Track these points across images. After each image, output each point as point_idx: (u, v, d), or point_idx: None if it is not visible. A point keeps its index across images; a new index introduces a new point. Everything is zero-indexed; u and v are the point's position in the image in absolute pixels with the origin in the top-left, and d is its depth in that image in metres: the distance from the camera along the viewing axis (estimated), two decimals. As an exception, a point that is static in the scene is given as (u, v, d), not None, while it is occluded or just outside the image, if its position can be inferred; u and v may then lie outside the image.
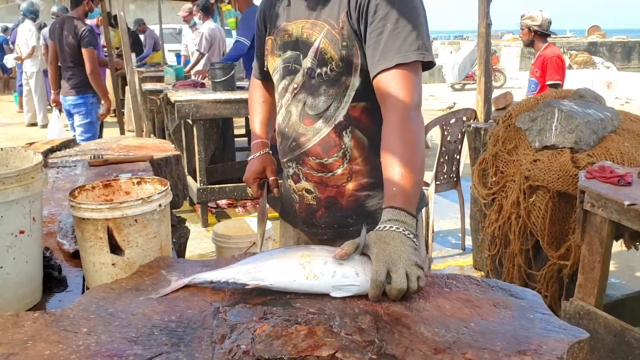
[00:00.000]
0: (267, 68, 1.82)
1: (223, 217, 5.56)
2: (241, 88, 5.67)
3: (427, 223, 4.12)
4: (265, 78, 1.94)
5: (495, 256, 3.48)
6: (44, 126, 10.40)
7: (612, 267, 2.74)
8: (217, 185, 5.32)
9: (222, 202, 5.83)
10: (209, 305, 1.18)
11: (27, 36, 10.22)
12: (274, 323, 1.09)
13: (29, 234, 1.25)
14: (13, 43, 11.48)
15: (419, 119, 1.52)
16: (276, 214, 2.03)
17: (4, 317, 1.12)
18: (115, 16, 7.12)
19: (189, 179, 5.44)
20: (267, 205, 1.96)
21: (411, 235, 1.31)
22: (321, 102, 1.64)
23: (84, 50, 5.52)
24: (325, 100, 1.64)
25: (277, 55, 1.74)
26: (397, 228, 1.31)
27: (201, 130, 5.18)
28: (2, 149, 1.40)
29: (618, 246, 3.03)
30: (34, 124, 10.65)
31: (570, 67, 19.48)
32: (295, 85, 1.68)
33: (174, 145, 3.31)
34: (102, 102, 5.91)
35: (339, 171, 1.68)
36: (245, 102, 5.11)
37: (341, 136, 1.65)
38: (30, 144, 3.14)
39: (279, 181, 1.90)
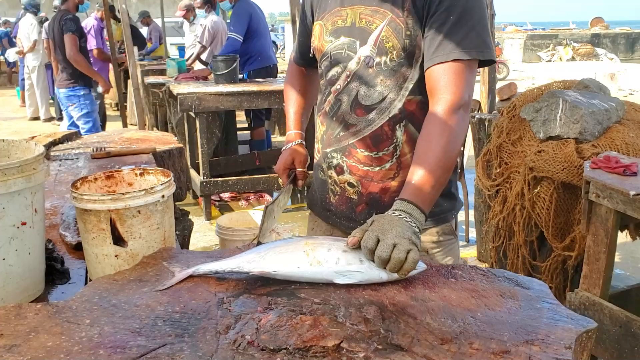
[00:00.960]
0: (313, 54, 1.75)
1: (226, 210, 5.56)
2: (242, 81, 5.66)
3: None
4: (307, 64, 1.87)
5: (500, 248, 3.46)
6: (47, 120, 10.39)
7: (616, 259, 2.72)
8: (220, 178, 5.31)
9: (225, 195, 5.82)
10: (213, 295, 1.17)
11: (28, 30, 10.20)
12: (279, 313, 1.08)
13: (31, 226, 1.25)
14: (15, 37, 11.45)
15: (464, 120, 1.48)
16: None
17: (6, 308, 1.11)
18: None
19: (192, 172, 5.44)
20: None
21: (413, 225, 1.30)
22: (376, 92, 1.58)
23: (64, 37, 5.53)
24: (381, 91, 1.58)
25: (327, 41, 1.66)
26: (399, 215, 1.31)
27: (204, 123, 5.17)
28: (3, 140, 1.39)
29: (622, 237, 3.01)
30: (37, 118, 10.64)
31: (573, 58, 19.41)
32: (348, 73, 1.62)
33: (176, 137, 3.30)
34: (100, 85, 5.93)
35: (387, 166, 1.62)
36: (247, 94, 5.10)
37: (394, 130, 1.59)
38: (33, 137, 3.13)
39: (309, 172, 1.82)
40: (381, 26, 1.54)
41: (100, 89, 5.95)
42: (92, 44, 7.32)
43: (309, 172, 1.81)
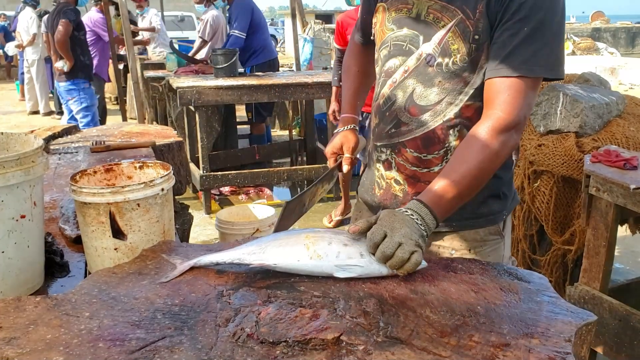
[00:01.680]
0: (373, 37, 1.65)
1: (226, 204, 5.55)
2: (242, 75, 5.65)
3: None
4: (368, 42, 1.75)
5: (499, 242, 3.46)
6: (46, 114, 10.37)
7: (615, 253, 2.72)
8: (219, 172, 5.30)
9: (225, 189, 5.82)
10: (212, 288, 1.17)
11: (27, 24, 10.18)
12: (278, 306, 1.08)
13: (30, 219, 1.24)
14: (14, 31, 11.42)
15: (511, 140, 1.40)
16: (279, 202, 1.98)
17: (6, 301, 1.11)
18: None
19: (192, 166, 5.43)
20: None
21: (422, 228, 1.28)
22: (433, 94, 1.50)
23: (60, 22, 5.55)
24: (438, 93, 1.49)
25: (388, 28, 1.56)
26: (412, 215, 1.29)
27: (203, 117, 5.16)
28: (2, 133, 1.39)
29: (621, 231, 3.02)
30: (36, 112, 10.62)
31: (573, 53, 19.36)
32: (406, 68, 1.53)
33: (176, 131, 3.30)
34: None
35: (436, 169, 1.55)
36: (247, 88, 5.09)
37: (447, 134, 1.52)
38: (32, 131, 3.12)
39: (358, 159, 1.75)
40: (449, 26, 1.44)
41: (65, 67, 5.89)
42: (104, 38, 7.30)
43: (357, 158, 1.75)
